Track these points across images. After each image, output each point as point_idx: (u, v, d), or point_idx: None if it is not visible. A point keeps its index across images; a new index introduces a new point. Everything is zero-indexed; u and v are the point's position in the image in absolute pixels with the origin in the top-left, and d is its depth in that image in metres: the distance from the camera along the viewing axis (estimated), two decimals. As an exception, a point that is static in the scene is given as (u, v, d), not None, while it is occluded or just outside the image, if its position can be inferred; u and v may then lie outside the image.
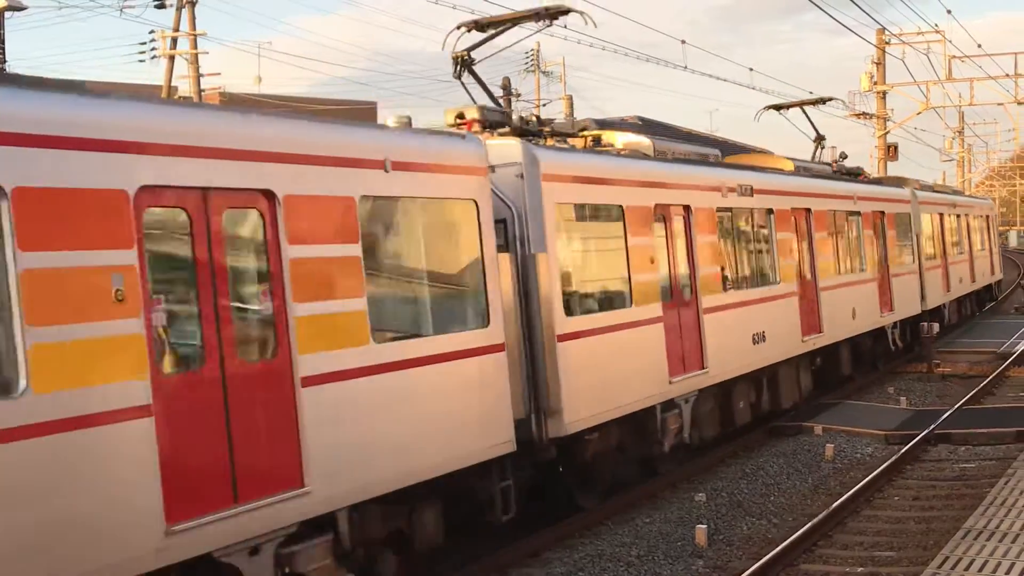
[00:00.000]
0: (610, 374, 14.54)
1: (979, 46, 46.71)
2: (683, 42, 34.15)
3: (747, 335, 18.65)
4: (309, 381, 9.69)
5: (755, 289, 19.37)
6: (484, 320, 12.25)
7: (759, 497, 16.01)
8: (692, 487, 16.56)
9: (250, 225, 9.52)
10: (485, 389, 12.09)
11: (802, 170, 23.99)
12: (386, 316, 11.00)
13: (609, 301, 15.20)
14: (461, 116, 14.58)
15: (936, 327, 28.99)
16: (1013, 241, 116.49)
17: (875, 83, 48.44)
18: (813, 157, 27.40)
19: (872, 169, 44.53)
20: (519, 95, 53.38)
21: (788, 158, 24.72)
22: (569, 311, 13.90)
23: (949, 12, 49.29)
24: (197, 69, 47.85)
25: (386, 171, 10.98)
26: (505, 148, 13.69)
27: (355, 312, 10.29)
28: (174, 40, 47.78)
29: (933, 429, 19.79)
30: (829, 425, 20.48)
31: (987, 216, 42.66)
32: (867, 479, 16.25)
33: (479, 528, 12.94)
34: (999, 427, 19.78)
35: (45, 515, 7.54)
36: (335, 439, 9.91)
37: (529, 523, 13.87)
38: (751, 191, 19.59)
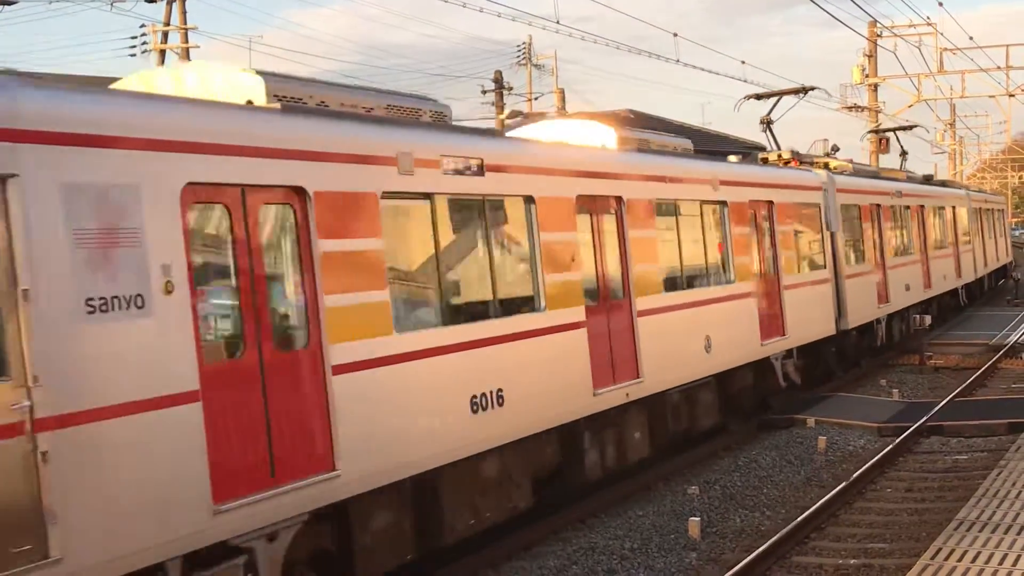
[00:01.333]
0: (860, 300, 25.23)
1: (971, 39, 46.83)
2: (675, 35, 34.11)
3: (902, 285, 29.18)
4: (789, 287, 20.90)
5: (906, 256, 30.13)
6: (825, 265, 23.17)
7: (752, 490, 16.02)
8: (685, 480, 16.57)
9: (762, 215, 20.36)
10: (826, 300, 23.02)
11: (908, 178, 34.82)
12: (792, 260, 21.42)
13: (857, 258, 25.56)
14: (779, 156, 25.10)
15: (928, 319, 29.27)
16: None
17: (867, 76, 48.45)
18: (901, 167, 38.20)
19: (864, 161, 44.84)
20: (511, 89, 53.32)
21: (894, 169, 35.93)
22: (847, 263, 24.50)
23: (941, 4, 49.34)
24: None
25: (797, 189, 22.16)
26: (819, 175, 24.17)
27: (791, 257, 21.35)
28: (165, 34, 47.66)
29: (925, 421, 19.81)
30: (821, 418, 20.51)
31: (1001, 210, 54.30)
32: (860, 471, 16.27)
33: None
34: (991, 419, 19.81)
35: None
36: (796, 316, 21.09)
37: (525, 518, 13.87)
38: (901, 195, 30.15)
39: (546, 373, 13.25)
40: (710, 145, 51.11)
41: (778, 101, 27.35)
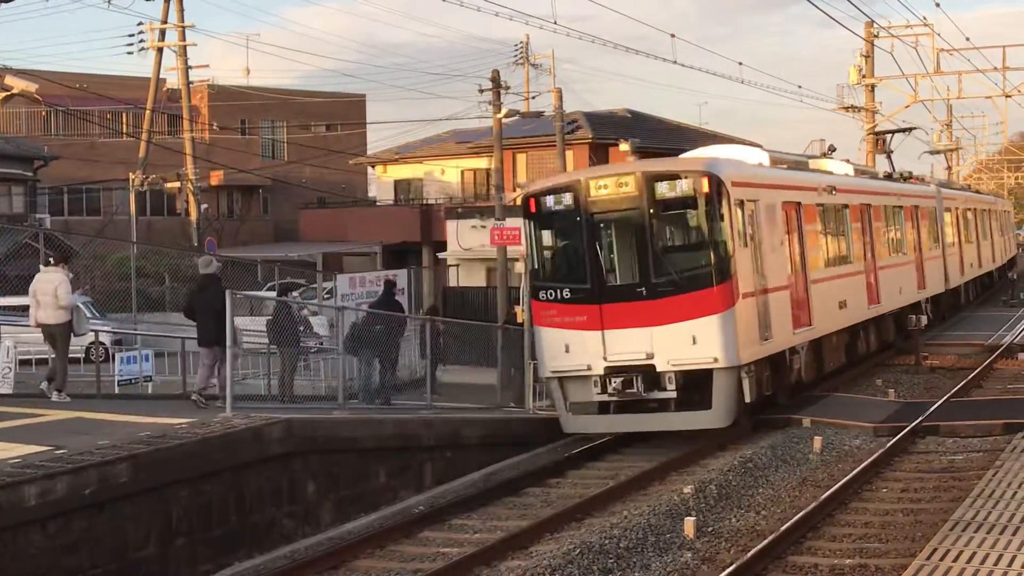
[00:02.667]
0: (954, 270, 36.77)
1: (967, 39, 46.89)
2: (672, 36, 34.11)
3: (969, 263, 40.70)
4: (927, 259, 32.83)
5: (970, 244, 42.09)
6: (939, 247, 34.40)
7: (747, 489, 16.01)
8: (680, 479, 16.56)
9: (913, 215, 32.51)
10: (940, 270, 33.96)
11: (969, 190, 51.68)
12: (926, 243, 32.77)
13: (965, 239, 40.10)
14: (900, 175, 34.69)
15: (924, 320, 29.30)
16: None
17: (864, 76, 48.41)
18: (951, 179, 56.35)
19: (860, 161, 45.25)
20: (508, 88, 53.18)
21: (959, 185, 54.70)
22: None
23: (938, 5, 49.34)
24: (185, 61, 47.71)
25: (926, 198, 34.30)
26: (932, 188, 36.43)
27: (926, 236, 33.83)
28: (162, 32, 47.61)
29: (921, 421, 19.81)
30: (817, 417, 20.49)
31: (1009, 211, 67.05)
32: (855, 471, 16.26)
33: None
34: (987, 419, 19.81)
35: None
36: (930, 277, 32.67)
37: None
38: (967, 201, 43.66)
39: (856, 295, 25.29)
40: (707, 144, 51.08)
41: (892, 137, 40.99)
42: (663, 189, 18.80)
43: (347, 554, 13.67)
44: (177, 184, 47.28)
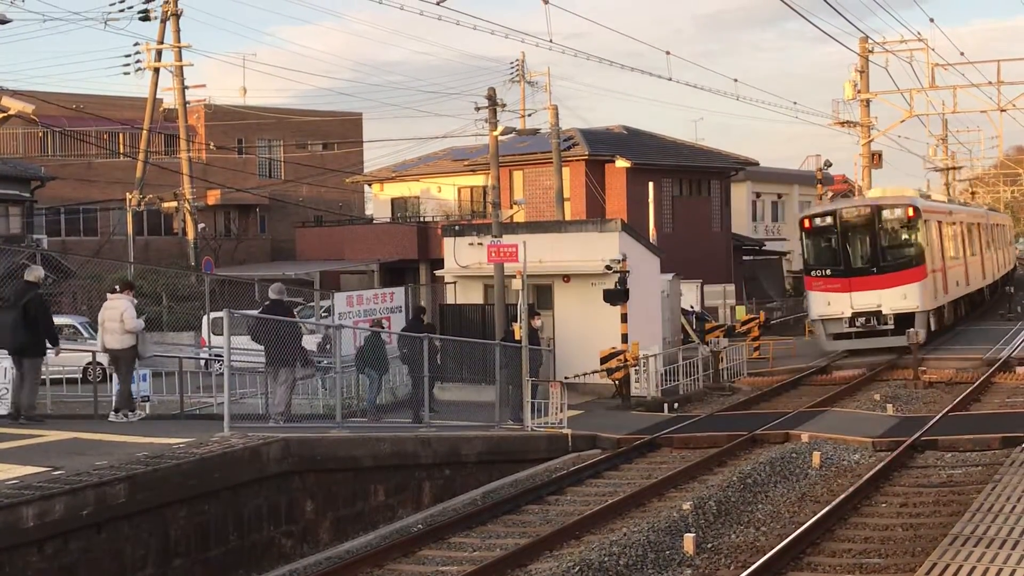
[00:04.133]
0: (996, 264, 51.95)
1: (962, 54, 46.94)
2: (668, 53, 34.17)
3: (1001, 262, 53.36)
4: (985, 258, 47.80)
5: (998, 249, 52.39)
6: (989, 248, 48.83)
7: (747, 505, 15.99)
8: (679, 495, 16.53)
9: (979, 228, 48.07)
10: (993, 264, 49.88)
11: (989, 209, 61.19)
12: (986, 246, 47.93)
13: (996, 247, 52.61)
14: (957, 201, 55.91)
15: (922, 334, 29.43)
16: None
17: (859, 91, 48.48)
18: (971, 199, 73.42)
19: (855, 176, 45.59)
20: (504, 106, 53.25)
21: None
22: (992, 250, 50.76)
23: (932, 20, 49.35)
24: (182, 81, 47.79)
25: (983, 215, 50.09)
26: (984, 209, 55.26)
27: (973, 242, 46.49)
28: (159, 52, 47.70)
29: (920, 436, 19.81)
30: (816, 433, 20.49)
31: (1011, 225, 78.83)
32: (854, 486, 16.25)
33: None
34: (985, 433, 19.82)
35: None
36: (989, 269, 48.81)
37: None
38: (998, 219, 55.50)
39: (960, 279, 38.82)
40: (702, 160, 51.15)
41: (949, 172, 55.34)
42: (886, 214, 33.11)
43: (345, 573, 13.66)
44: (174, 204, 47.31)
